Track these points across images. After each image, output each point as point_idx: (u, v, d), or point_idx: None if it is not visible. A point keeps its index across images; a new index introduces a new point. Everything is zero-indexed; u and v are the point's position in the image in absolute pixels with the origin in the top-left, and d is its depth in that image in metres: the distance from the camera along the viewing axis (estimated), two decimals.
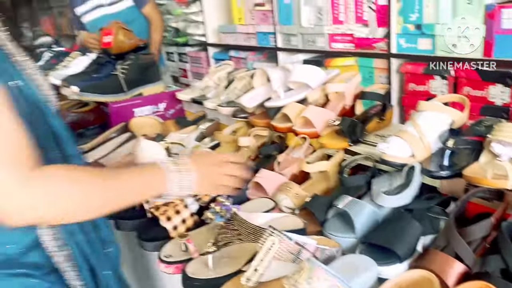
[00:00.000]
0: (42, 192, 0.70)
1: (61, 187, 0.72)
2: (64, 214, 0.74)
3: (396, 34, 1.95)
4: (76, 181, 0.74)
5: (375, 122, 1.36)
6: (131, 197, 0.83)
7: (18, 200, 0.68)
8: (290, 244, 0.87)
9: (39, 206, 0.70)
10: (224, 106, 1.73)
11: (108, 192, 0.78)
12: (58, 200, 0.72)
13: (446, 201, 1.04)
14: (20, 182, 0.68)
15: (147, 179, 0.84)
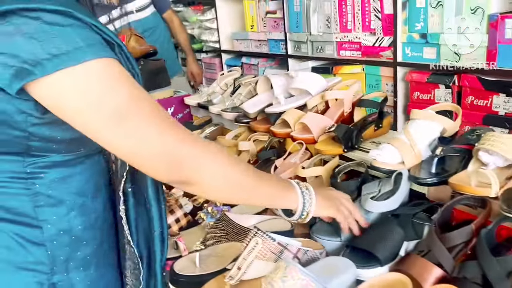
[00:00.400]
0: (198, 156, 0.76)
1: (222, 163, 0.79)
2: (208, 184, 0.79)
3: (401, 43, 1.97)
4: (235, 165, 0.82)
5: (372, 129, 1.38)
6: (265, 199, 0.90)
7: (175, 159, 0.74)
8: (272, 244, 0.90)
9: (191, 167, 0.75)
10: (227, 111, 1.77)
11: (254, 186, 0.85)
12: (208, 168, 0.77)
13: (433, 208, 1.05)
14: (184, 141, 0.74)
15: (282, 191, 0.91)
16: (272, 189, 0.89)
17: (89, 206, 0.87)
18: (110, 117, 0.69)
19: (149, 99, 0.74)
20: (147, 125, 0.71)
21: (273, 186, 0.90)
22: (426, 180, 1.05)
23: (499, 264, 0.81)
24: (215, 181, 0.79)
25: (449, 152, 1.08)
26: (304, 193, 0.91)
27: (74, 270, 0.86)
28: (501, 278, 0.80)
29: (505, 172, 1.00)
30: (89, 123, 0.70)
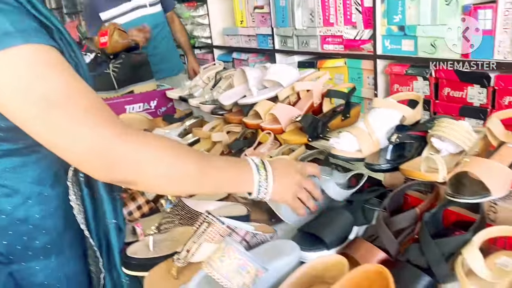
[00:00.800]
0: (137, 152, 0.70)
1: (163, 157, 0.72)
2: (152, 181, 0.74)
3: (381, 36, 1.98)
4: (179, 156, 0.75)
5: (339, 119, 1.40)
6: (216, 187, 0.83)
7: (111, 156, 0.68)
8: (221, 227, 0.92)
9: (130, 166, 0.70)
10: (206, 104, 1.80)
11: (202, 174, 0.78)
12: (149, 165, 0.71)
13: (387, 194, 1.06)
14: (117, 138, 0.69)
15: (236, 177, 0.84)
16: (223, 176, 0.82)
17: (48, 195, 0.88)
18: (37, 106, 0.65)
19: (86, 91, 0.70)
20: (79, 118, 0.67)
21: (225, 173, 0.82)
22: (380, 166, 1.06)
23: (438, 247, 0.82)
24: (158, 178, 0.73)
25: (404, 139, 1.09)
26: (261, 182, 0.85)
27: (33, 259, 0.87)
28: (439, 260, 0.81)
29: (457, 158, 1.01)
30: (17, 111, 0.67)
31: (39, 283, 0.89)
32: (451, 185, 0.92)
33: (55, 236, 0.90)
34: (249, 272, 0.79)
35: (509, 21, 1.52)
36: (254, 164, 0.85)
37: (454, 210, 0.95)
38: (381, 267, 0.73)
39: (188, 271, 0.89)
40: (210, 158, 0.84)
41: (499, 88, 1.60)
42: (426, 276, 0.79)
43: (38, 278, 0.88)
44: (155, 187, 0.78)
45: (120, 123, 0.71)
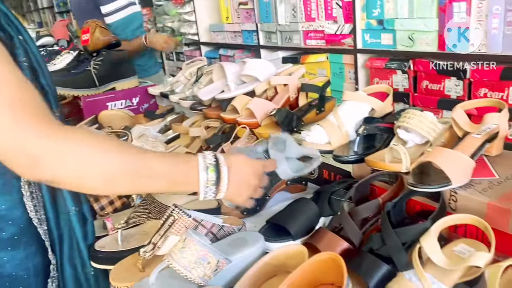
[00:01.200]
0: (62, 150, 0.66)
1: (82, 150, 0.67)
2: (78, 181, 0.69)
3: (361, 30, 1.99)
4: (110, 153, 0.70)
5: (314, 113, 1.41)
6: (156, 186, 0.76)
7: (34, 153, 0.64)
8: (187, 220, 0.93)
9: (54, 164, 0.65)
10: (187, 99, 1.80)
11: (133, 171, 0.71)
12: (75, 164, 0.67)
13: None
14: (40, 135, 0.64)
15: (182, 175, 0.77)
16: (163, 176, 0.75)
17: (13, 186, 0.88)
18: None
19: (16, 82, 0.66)
20: (1, 110, 0.62)
21: (165, 172, 0.75)
22: (347, 158, 1.08)
23: (397, 235, 0.83)
24: (85, 177, 0.68)
25: (372, 131, 1.10)
26: (208, 186, 0.78)
27: (0, 250, 0.88)
28: (398, 249, 0.82)
29: (422, 149, 1.02)
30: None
31: (7, 274, 0.89)
32: (414, 175, 0.93)
33: (22, 227, 0.90)
34: (210, 263, 0.80)
35: (482, 14, 1.53)
36: (204, 165, 0.78)
37: (419, 200, 0.96)
38: (335, 254, 0.74)
39: (154, 264, 0.90)
40: (147, 155, 0.75)
41: (475, 80, 1.61)
42: (385, 264, 0.80)
43: (6, 269, 0.88)
44: (83, 187, 0.72)
45: (48, 119, 0.66)
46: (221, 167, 0.80)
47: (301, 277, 0.76)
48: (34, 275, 0.92)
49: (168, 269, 0.83)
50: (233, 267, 0.85)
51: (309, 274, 0.76)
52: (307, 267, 0.75)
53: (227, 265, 0.83)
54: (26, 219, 0.91)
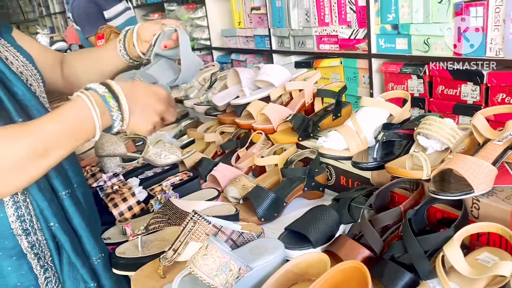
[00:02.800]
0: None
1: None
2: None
3: (375, 35, 1.98)
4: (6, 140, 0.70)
5: (330, 118, 1.40)
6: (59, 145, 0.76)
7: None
8: (207, 227, 0.93)
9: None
10: (201, 105, 1.81)
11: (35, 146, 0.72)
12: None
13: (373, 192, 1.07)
14: None
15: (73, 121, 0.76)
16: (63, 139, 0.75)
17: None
18: None
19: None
20: None
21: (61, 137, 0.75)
22: (366, 165, 1.07)
23: (419, 243, 0.83)
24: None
25: (391, 137, 1.09)
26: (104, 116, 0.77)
27: (5, 259, 0.87)
28: (421, 257, 0.82)
29: (442, 156, 1.01)
30: None
31: (12, 284, 0.88)
32: (435, 182, 0.93)
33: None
34: (232, 270, 0.80)
35: (500, 18, 1.52)
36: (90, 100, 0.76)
37: (440, 207, 0.95)
38: (359, 263, 0.74)
39: (175, 270, 0.90)
40: (41, 128, 0.74)
41: (492, 85, 1.60)
42: (408, 272, 0.80)
43: (12, 279, 0.87)
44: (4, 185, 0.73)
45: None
46: (114, 89, 0.78)
47: (324, 285, 0.76)
48: (40, 286, 0.90)
49: (190, 276, 0.84)
50: (254, 274, 0.85)
51: (332, 283, 0.75)
52: (331, 275, 0.74)
53: (248, 272, 0.83)
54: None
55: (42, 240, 0.90)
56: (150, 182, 1.30)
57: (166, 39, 1.10)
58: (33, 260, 0.89)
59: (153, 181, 1.31)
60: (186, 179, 1.31)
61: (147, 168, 1.41)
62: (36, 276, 0.89)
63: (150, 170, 1.41)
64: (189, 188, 1.28)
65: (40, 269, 0.91)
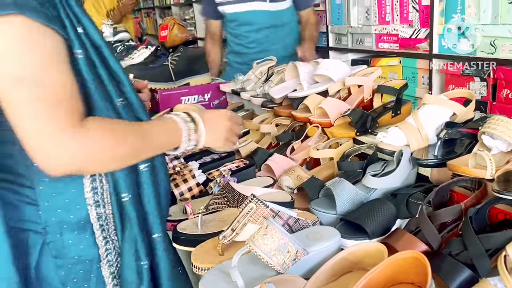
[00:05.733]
0: (84, 146, 0.75)
1: (101, 142, 0.77)
2: (100, 167, 0.82)
3: (438, 35, 1.94)
4: (116, 138, 0.80)
5: (389, 115, 1.40)
6: (157, 148, 0.91)
7: (60, 150, 0.73)
8: (265, 210, 0.96)
9: (78, 159, 0.75)
10: (257, 97, 1.85)
11: (141, 145, 0.86)
12: (97, 154, 0.77)
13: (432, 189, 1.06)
14: (63, 134, 0.73)
15: (169, 133, 0.93)
16: (158, 144, 0.90)
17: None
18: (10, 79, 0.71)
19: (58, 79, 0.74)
20: (38, 105, 0.71)
21: (159, 140, 0.90)
22: (427, 161, 1.06)
23: (480, 241, 0.82)
24: (102, 163, 0.80)
25: (454, 135, 1.08)
26: (191, 135, 0.94)
27: (67, 232, 0.88)
28: (481, 254, 0.81)
29: (508, 157, 0.99)
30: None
31: (71, 256, 0.89)
32: (499, 182, 0.91)
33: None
34: (289, 252, 0.83)
35: None
36: (183, 121, 0.94)
37: (502, 208, 0.93)
38: (419, 253, 0.74)
39: (232, 249, 0.94)
40: (144, 132, 0.88)
41: None
42: (467, 269, 0.79)
43: (71, 252, 0.89)
44: (99, 170, 0.85)
45: (75, 117, 0.75)
46: (194, 117, 0.96)
47: (381, 274, 0.76)
48: (96, 262, 0.92)
49: (248, 255, 0.87)
50: (310, 258, 0.87)
51: (389, 272, 0.76)
52: (389, 264, 0.75)
53: (304, 256, 0.85)
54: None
55: (109, 214, 0.93)
56: (209, 167, 1.35)
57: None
58: (97, 231, 0.92)
59: (211, 166, 1.36)
60: (242, 166, 1.35)
61: (205, 154, 1.46)
62: (98, 247, 0.92)
63: (208, 156, 1.46)
64: (245, 175, 1.32)
65: (102, 240, 0.94)
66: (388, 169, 1.13)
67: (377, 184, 1.07)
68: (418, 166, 1.13)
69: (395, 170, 1.08)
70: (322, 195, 1.15)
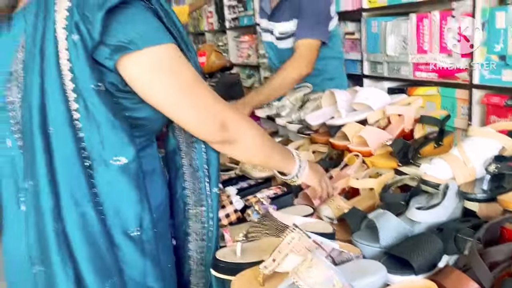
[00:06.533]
0: (241, 122, 0.98)
1: (254, 131, 1.02)
2: (246, 145, 1.01)
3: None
4: (262, 134, 1.06)
5: (431, 146, 1.36)
6: (273, 163, 1.15)
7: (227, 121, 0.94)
8: (307, 241, 0.94)
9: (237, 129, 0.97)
10: (291, 123, 1.84)
11: (271, 154, 1.10)
12: (247, 134, 1.00)
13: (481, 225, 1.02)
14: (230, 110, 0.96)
15: (286, 158, 1.15)
16: (280, 155, 1.13)
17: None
18: (181, 89, 0.88)
19: (200, 77, 0.92)
20: (208, 95, 0.91)
21: (281, 153, 1.13)
22: (476, 196, 1.03)
23: None
24: (250, 143, 1.01)
25: (504, 169, 1.04)
26: (300, 163, 1.17)
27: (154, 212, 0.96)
28: None
29: None
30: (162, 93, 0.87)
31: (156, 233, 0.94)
32: None
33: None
34: (335, 286, 0.80)
35: None
36: (297, 155, 1.18)
37: None
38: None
39: (273, 279, 0.92)
40: (274, 142, 1.15)
41: None
42: None
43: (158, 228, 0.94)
44: (243, 150, 1.03)
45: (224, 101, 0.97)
46: (301, 159, 1.19)
47: None
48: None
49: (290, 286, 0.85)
50: None
51: None
52: None
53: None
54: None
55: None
56: (245, 193, 1.34)
57: None
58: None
59: (248, 192, 1.35)
60: (280, 193, 1.34)
61: (241, 179, 1.45)
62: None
63: (245, 181, 1.45)
64: (283, 202, 1.30)
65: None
66: (433, 202, 1.10)
67: (422, 218, 1.04)
68: (465, 200, 1.09)
69: (441, 203, 1.04)
70: (364, 227, 1.12)
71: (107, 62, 0.82)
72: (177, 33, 0.90)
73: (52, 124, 0.81)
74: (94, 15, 0.78)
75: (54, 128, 0.81)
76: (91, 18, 0.78)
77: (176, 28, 0.90)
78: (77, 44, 0.79)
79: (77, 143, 0.82)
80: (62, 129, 0.81)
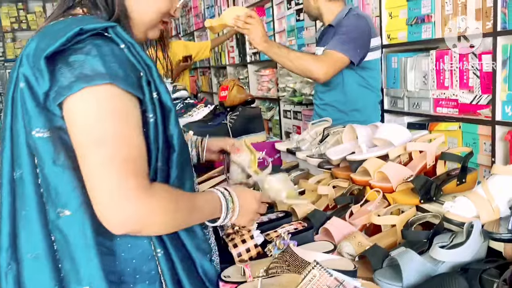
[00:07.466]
0: (147, 208, 0.81)
1: (164, 207, 0.85)
2: (160, 229, 0.90)
3: (501, 101, 1.90)
4: (175, 204, 0.88)
5: (454, 183, 1.35)
6: (201, 219, 1.02)
7: (123, 211, 0.78)
8: (329, 279, 0.93)
9: (142, 220, 0.81)
10: (313, 157, 1.85)
11: (192, 214, 0.95)
12: (158, 217, 0.84)
13: (507, 266, 1.00)
14: (131, 194, 0.78)
15: (211, 213, 1.03)
16: (200, 214, 0.99)
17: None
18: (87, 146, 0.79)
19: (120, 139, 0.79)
20: (109, 166, 0.78)
21: (201, 211, 0.99)
22: (500, 235, 1.01)
23: None
24: (160, 226, 0.87)
25: None
26: (227, 211, 1.05)
27: (140, 282, 0.93)
28: None
29: None
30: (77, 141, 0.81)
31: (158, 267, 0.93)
32: None
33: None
34: None
35: None
36: (224, 200, 1.05)
37: None
38: None
39: None
40: (195, 202, 0.97)
41: None
42: None
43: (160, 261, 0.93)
44: (155, 233, 0.91)
45: (144, 178, 0.82)
46: (234, 201, 1.06)
47: None
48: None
49: None
50: None
51: None
52: None
53: None
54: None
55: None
56: (265, 227, 1.34)
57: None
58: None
59: (268, 227, 1.35)
60: (301, 228, 1.33)
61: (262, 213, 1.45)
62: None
63: (265, 215, 1.45)
64: (303, 238, 1.29)
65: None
66: (457, 241, 1.08)
67: (446, 257, 1.02)
68: (490, 240, 1.07)
69: (466, 242, 1.03)
70: (386, 265, 1.11)
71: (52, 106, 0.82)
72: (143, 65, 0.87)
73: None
74: (39, 62, 0.81)
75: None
76: (38, 65, 0.81)
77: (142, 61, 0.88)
78: (24, 91, 0.84)
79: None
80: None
